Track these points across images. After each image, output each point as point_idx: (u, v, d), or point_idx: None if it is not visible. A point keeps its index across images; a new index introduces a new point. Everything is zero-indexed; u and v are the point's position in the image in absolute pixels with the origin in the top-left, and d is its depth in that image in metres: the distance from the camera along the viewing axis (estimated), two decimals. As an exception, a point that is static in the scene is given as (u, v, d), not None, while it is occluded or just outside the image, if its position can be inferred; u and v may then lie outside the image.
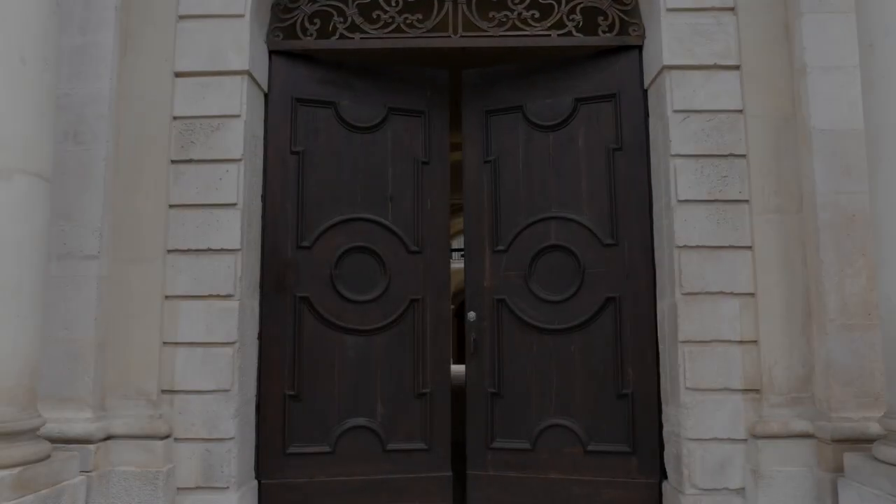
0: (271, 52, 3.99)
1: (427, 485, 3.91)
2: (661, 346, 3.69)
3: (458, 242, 26.06)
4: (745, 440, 3.32)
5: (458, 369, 21.90)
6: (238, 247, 3.51)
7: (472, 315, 4.00)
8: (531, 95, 4.13)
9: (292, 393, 3.84)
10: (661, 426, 3.67)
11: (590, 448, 3.80)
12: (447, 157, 4.27)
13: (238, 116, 3.60)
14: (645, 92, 3.89)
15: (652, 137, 3.81)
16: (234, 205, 3.54)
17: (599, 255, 3.91)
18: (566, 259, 3.94)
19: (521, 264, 4.01)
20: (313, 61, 4.10)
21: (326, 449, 3.85)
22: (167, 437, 3.35)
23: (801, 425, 3.23)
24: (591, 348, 3.87)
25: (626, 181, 3.90)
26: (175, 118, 3.59)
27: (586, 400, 3.85)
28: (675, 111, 3.54)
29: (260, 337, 3.81)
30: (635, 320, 3.80)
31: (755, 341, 3.37)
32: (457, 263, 27.01)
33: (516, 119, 4.16)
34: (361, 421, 3.91)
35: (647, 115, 3.87)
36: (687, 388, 3.36)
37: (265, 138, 3.94)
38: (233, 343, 3.45)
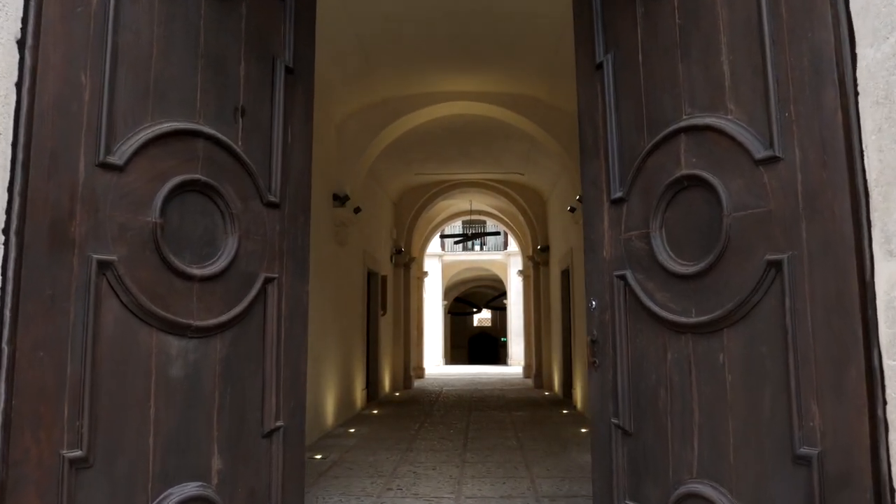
0: None
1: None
2: (885, 360, 1.65)
3: (454, 227, 24.22)
4: None
5: (457, 371, 20.03)
6: None
7: (592, 304, 2.56)
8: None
9: (78, 454, 1.83)
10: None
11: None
12: (313, 71, 2.73)
13: None
14: None
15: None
16: None
17: (752, 183, 1.97)
18: (703, 197, 2.10)
19: (643, 216, 2.31)
20: None
21: (137, 555, 1.91)
22: None
23: None
24: (748, 358, 1.96)
25: (789, 33, 1.91)
26: None
27: (745, 454, 1.95)
28: None
29: (9, 341, 1.76)
30: (821, 304, 1.78)
31: None
32: (450, 256, 25.15)
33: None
34: (192, 489, 2.10)
35: None
36: None
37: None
38: None
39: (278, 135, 2.45)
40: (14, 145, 1.81)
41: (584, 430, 7.29)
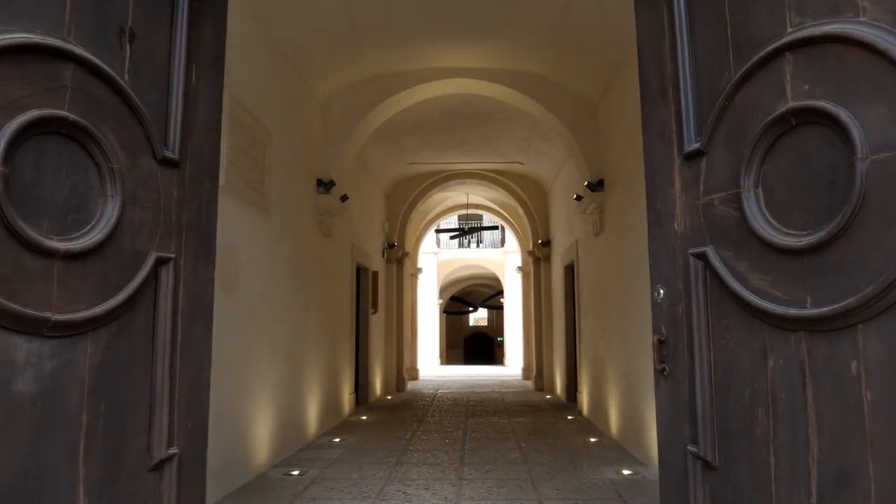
0: None
1: None
2: None
3: (449, 222, 23.50)
4: None
5: (452, 372, 19.39)
6: None
7: (659, 293, 1.90)
8: None
9: None
10: None
11: None
12: (226, 3, 2.11)
13: None
14: None
15: None
16: None
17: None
18: (822, 137, 1.41)
19: (730, 172, 1.63)
20: None
21: None
22: None
23: None
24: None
25: None
26: None
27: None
28: None
29: None
30: None
31: None
32: (446, 253, 24.44)
33: None
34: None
35: None
36: None
37: None
38: None
39: (179, 73, 1.81)
40: None
41: (593, 440, 6.63)
